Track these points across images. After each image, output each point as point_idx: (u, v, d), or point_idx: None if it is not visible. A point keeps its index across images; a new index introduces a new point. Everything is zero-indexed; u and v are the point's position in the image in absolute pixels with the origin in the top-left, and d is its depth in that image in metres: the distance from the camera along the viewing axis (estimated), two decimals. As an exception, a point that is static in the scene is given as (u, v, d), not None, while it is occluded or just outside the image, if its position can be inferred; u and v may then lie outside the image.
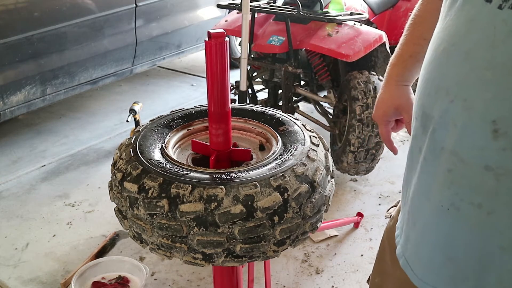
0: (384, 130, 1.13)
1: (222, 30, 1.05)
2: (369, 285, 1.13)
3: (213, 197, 0.97)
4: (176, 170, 1.06)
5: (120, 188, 1.07)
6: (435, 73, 0.74)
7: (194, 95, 4.16)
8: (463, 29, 0.68)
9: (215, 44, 1.05)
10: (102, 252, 2.20)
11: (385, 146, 2.52)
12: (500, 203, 0.68)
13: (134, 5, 3.50)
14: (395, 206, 1.05)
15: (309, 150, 1.12)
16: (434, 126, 0.73)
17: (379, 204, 2.59)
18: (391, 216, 1.06)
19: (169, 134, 1.25)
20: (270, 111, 1.34)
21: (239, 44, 3.94)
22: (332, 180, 1.18)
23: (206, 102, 1.17)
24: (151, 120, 1.31)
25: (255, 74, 3.03)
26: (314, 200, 1.05)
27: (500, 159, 0.65)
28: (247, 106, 1.37)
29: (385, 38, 2.52)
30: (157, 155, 1.13)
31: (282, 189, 1.00)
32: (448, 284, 0.80)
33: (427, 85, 0.75)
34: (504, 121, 0.63)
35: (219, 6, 2.92)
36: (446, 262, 0.78)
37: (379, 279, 1.08)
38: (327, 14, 2.46)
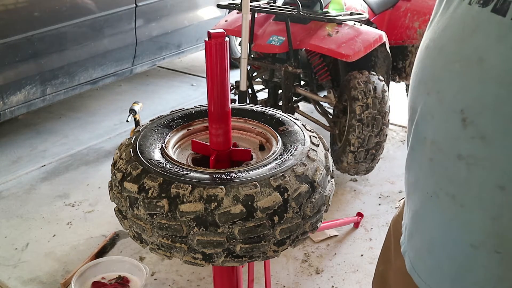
0: None
1: (222, 30, 1.05)
2: (374, 273, 1.16)
3: (213, 197, 0.97)
4: (176, 170, 1.06)
5: (120, 188, 1.07)
6: (418, 68, 0.78)
7: (194, 95, 4.16)
8: (442, 26, 0.73)
9: (215, 44, 1.05)
10: (102, 252, 2.20)
11: (385, 146, 2.54)
12: (471, 195, 0.69)
13: (134, 5, 3.50)
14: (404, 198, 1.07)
15: (309, 150, 1.12)
16: (417, 118, 0.78)
17: (379, 204, 2.59)
18: (398, 206, 1.08)
19: (169, 134, 1.25)
20: (270, 111, 1.34)
21: (239, 44, 3.94)
22: (332, 180, 1.18)
23: (206, 102, 1.17)
24: (151, 120, 1.31)
25: (255, 74, 3.03)
26: (314, 200, 1.05)
27: (470, 147, 0.68)
28: (247, 106, 1.37)
29: (385, 38, 2.52)
30: (157, 155, 1.13)
31: (282, 189, 1.00)
32: (428, 278, 0.81)
33: (413, 80, 0.80)
34: (470, 110, 0.66)
35: (219, 6, 2.92)
36: (427, 254, 0.80)
37: (382, 267, 1.11)
38: (327, 14, 2.46)
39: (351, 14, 2.52)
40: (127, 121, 2.99)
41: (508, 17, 0.61)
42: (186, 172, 1.05)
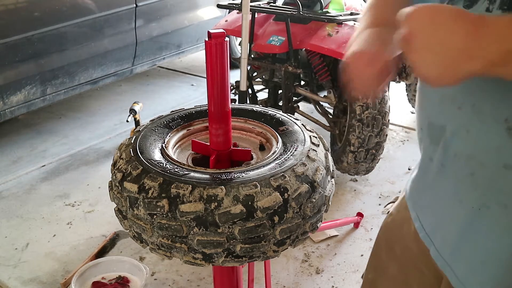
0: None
1: (222, 30, 1.05)
2: (362, 281, 1.14)
3: (213, 197, 0.97)
4: (176, 170, 1.06)
5: (120, 188, 1.07)
6: None
7: (194, 95, 4.16)
8: None
9: (215, 44, 1.05)
10: (102, 252, 2.20)
11: (385, 146, 2.54)
12: None
13: (134, 5, 3.50)
14: (393, 202, 1.05)
15: (309, 150, 1.12)
16: (446, 134, 0.75)
17: (379, 204, 2.59)
18: (388, 212, 1.06)
19: (169, 134, 1.25)
20: (270, 111, 1.34)
21: (239, 44, 3.94)
22: (332, 180, 1.18)
23: (206, 102, 1.17)
24: (151, 120, 1.31)
25: (255, 74, 3.03)
26: (314, 200, 1.05)
27: None
28: (247, 106, 1.37)
29: (385, 38, 2.51)
30: (157, 155, 1.13)
31: (282, 189, 1.00)
32: None
33: (431, 96, 0.78)
34: None
35: (219, 6, 2.92)
36: (481, 267, 0.78)
37: (372, 275, 1.09)
38: (327, 14, 2.46)
39: (351, 14, 2.52)
40: (127, 121, 2.99)
41: None
42: (186, 172, 1.05)
